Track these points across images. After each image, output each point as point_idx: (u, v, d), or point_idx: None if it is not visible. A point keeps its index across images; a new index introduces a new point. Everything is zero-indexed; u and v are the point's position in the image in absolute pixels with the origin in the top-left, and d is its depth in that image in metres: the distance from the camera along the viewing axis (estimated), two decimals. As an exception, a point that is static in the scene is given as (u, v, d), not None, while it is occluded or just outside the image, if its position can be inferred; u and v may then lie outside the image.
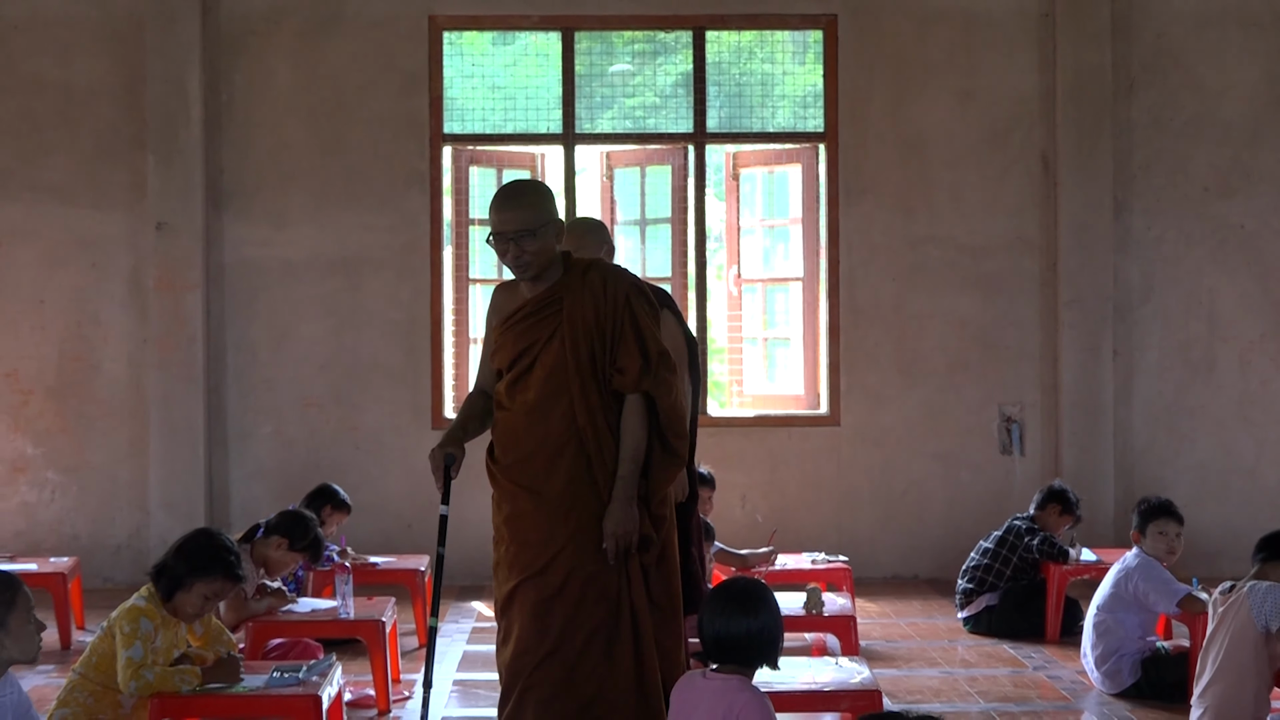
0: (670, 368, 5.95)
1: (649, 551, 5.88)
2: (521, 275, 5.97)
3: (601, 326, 5.85)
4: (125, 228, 12.96)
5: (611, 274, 6.09)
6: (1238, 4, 12.96)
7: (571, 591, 5.73)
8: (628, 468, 5.79)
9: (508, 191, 6.11)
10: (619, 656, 5.74)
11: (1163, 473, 12.63)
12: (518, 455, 5.91)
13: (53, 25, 12.91)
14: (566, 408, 5.83)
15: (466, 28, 13.28)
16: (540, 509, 5.82)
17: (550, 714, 5.70)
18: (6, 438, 12.98)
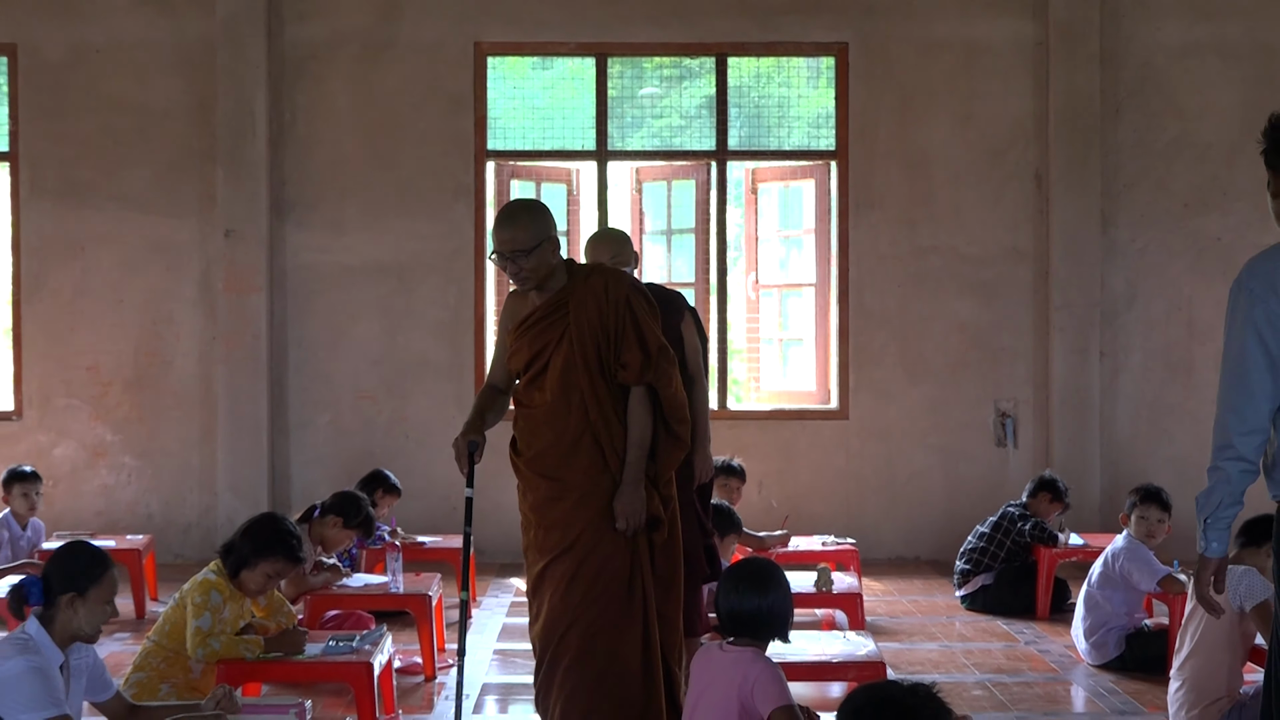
0: (670, 360, 5.99)
1: (658, 530, 5.94)
2: (523, 288, 6.04)
3: (605, 326, 5.89)
4: (196, 235, 13.00)
5: (612, 277, 6.10)
6: (1215, 36, 12.93)
7: (590, 568, 5.79)
8: (635, 453, 5.86)
9: (506, 213, 6.15)
10: (629, 626, 5.81)
11: (1145, 465, 12.60)
12: (539, 448, 5.97)
13: (131, 49, 12.95)
14: (579, 403, 5.88)
15: (508, 53, 13.29)
16: (562, 496, 5.90)
17: (571, 681, 5.78)
18: (88, 425, 13.04)
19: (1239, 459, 4.67)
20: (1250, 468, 4.71)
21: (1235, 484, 4.68)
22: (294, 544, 7.18)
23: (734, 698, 5.32)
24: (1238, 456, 4.66)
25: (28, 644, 5.40)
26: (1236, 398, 4.68)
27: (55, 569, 5.57)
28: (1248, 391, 4.67)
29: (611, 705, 5.76)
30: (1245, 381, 4.67)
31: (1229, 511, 4.69)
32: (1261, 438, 4.69)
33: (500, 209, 6.29)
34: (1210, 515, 4.67)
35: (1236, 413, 4.66)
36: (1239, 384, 4.68)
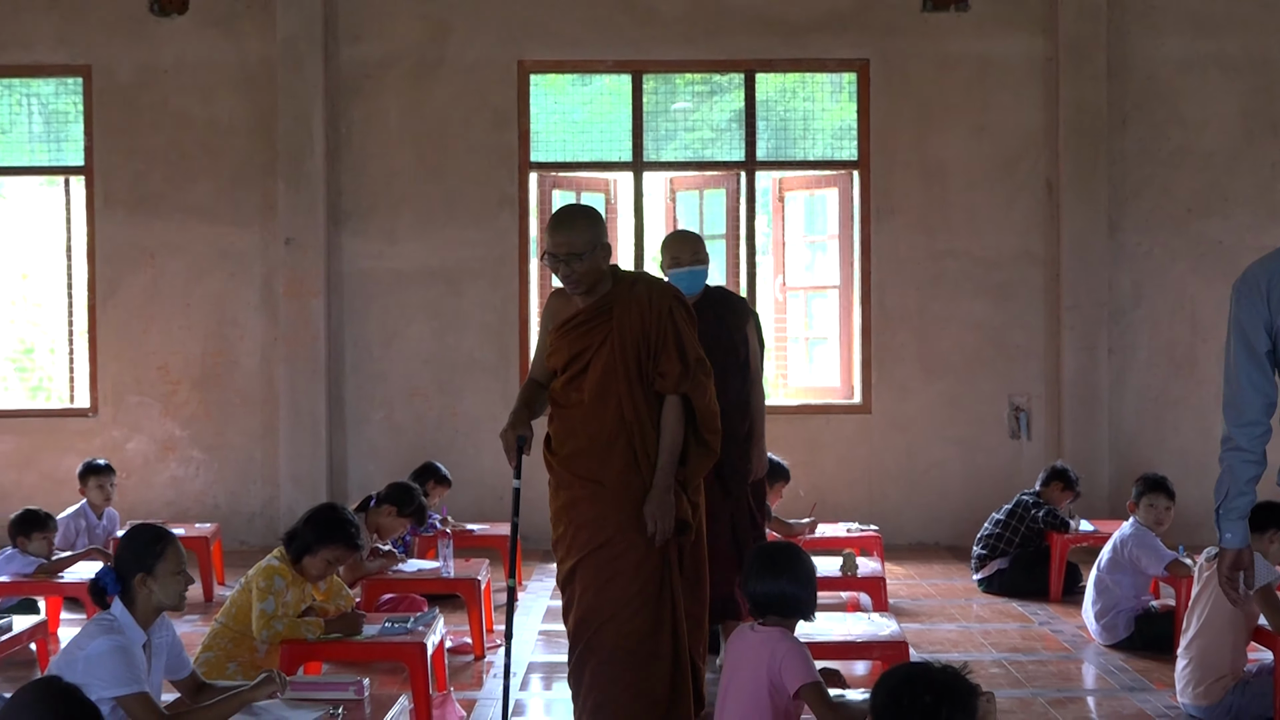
0: (706, 372, 5.89)
1: (687, 533, 5.86)
2: (573, 291, 5.91)
3: (647, 334, 5.78)
4: (259, 242, 13.03)
5: (656, 287, 6.01)
6: (1216, 50, 12.88)
7: (622, 568, 5.71)
8: (666, 459, 5.75)
9: (560, 217, 6.01)
10: (659, 627, 5.72)
11: (1150, 455, 12.55)
12: (574, 448, 5.87)
13: (197, 70, 12.99)
14: (616, 406, 5.77)
15: (550, 71, 13.29)
16: (596, 495, 5.79)
17: (603, 679, 5.72)
18: (158, 422, 13.09)
19: (1239, 450, 4.76)
20: (1252, 458, 4.76)
21: (1239, 474, 4.72)
22: (353, 532, 7.22)
23: (763, 675, 5.33)
24: (1237, 448, 4.76)
25: (112, 625, 5.43)
26: (1231, 393, 4.82)
27: (122, 555, 5.60)
28: (1238, 386, 4.81)
29: (641, 705, 5.69)
30: (1235, 377, 4.81)
31: (1238, 501, 4.71)
32: (1259, 429, 4.74)
33: (556, 213, 6.12)
34: (1221, 506, 4.72)
35: (1233, 407, 4.79)
36: (1231, 381, 4.83)
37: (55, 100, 13.38)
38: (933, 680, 3.79)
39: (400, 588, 8.87)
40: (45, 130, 13.47)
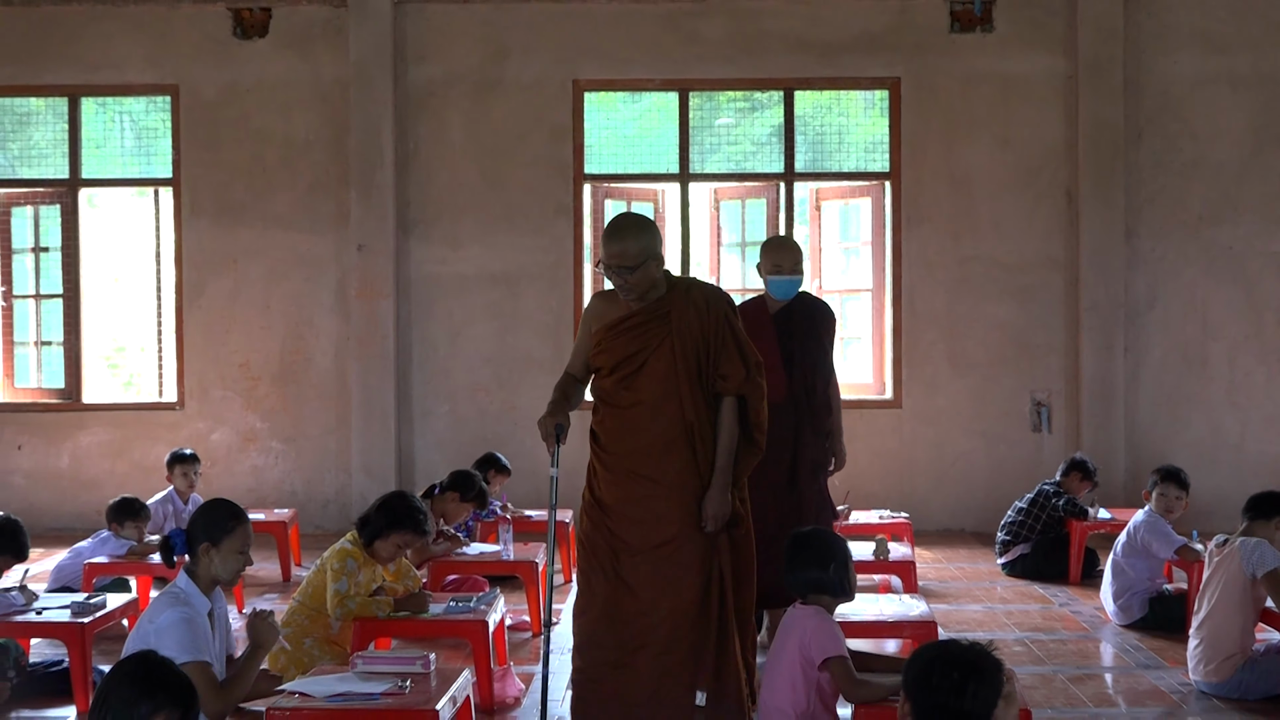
0: (763, 374, 5.82)
1: (738, 527, 5.77)
2: (626, 297, 5.77)
3: (706, 338, 5.67)
4: (333, 249, 13.08)
5: (711, 293, 5.90)
6: (1226, 68, 12.78)
7: (680, 564, 5.61)
8: (724, 459, 5.66)
9: (614, 228, 5.83)
10: (709, 614, 5.64)
11: (1164, 448, 12.48)
12: (633, 446, 5.73)
13: (276, 89, 13.05)
14: (676, 407, 5.65)
15: (603, 89, 13.30)
16: (656, 493, 5.66)
17: (659, 666, 5.60)
18: (240, 414, 13.16)
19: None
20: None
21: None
22: (421, 519, 7.27)
23: (796, 650, 5.44)
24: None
25: (178, 597, 5.49)
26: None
27: (194, 523, 5.67)
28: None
29: (691, 694, 5.61)
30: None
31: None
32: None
33: (610, 223, 5.91)
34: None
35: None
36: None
37: (145, 117, 13.46)
38: (960, 657, 3.78)
39: (463, 569, 8.90)
40: (136, 145, 13.57)
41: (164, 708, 4.04)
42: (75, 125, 13.34)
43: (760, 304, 7.86)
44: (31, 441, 13.30)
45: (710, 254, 13.69)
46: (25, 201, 13.47)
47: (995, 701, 3.76)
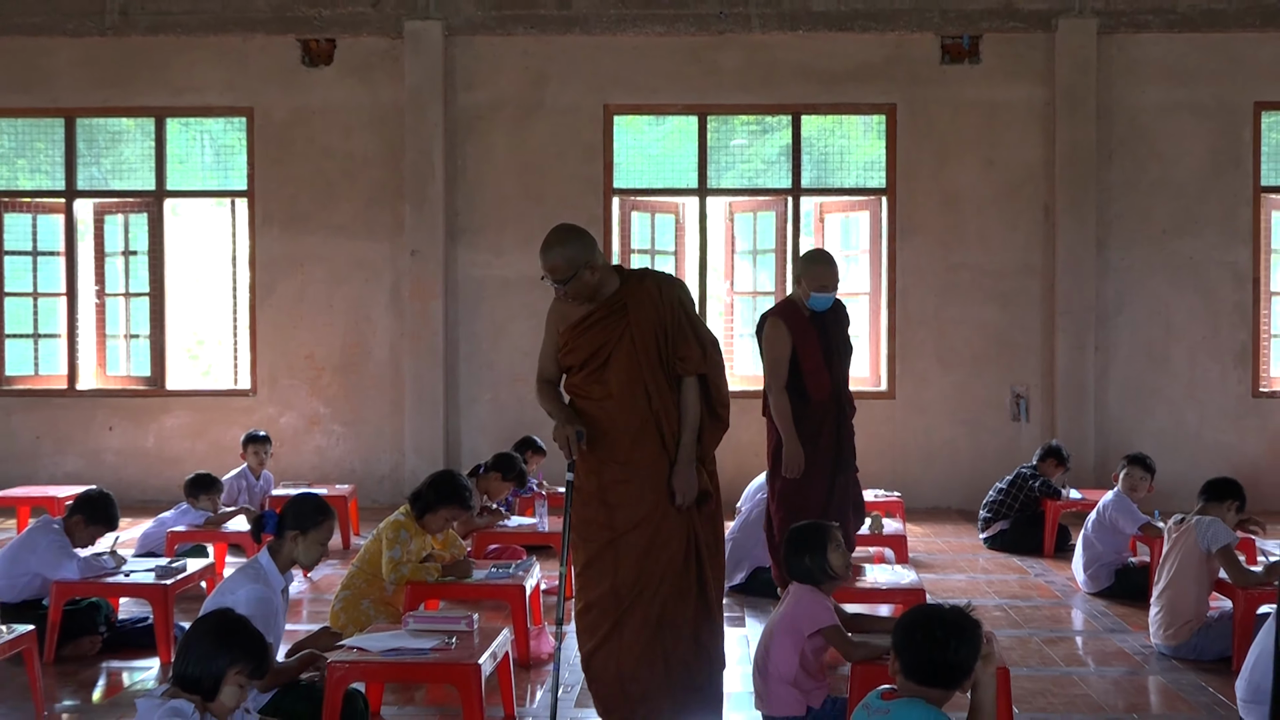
0: (719, 351, 5.44)
1: (707, 502, 5.39)
2: (571, 303, 5.42)
3: (664, 325, 5.27)
4: (389, 254, 13.12)
5: (663, 281, 5.45)
6: (1188, 98, 12.75)
7: (658, 542, 5.27)
8: (688, 437, 5.27)
9: (544, 244, 5.40)
10: (686, 590, 5.35)
11: (1130, 436, 12.45)
12: (615, 436, 5.30)
13: (339, 112, 13.09)
14: (643, 395, 5.27)
15: (630, 113, 13.29)
16: (630, 477, 5.29)
17: (642, 639, 5.27)
18: (306, 401, 13.21)
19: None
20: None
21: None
22: (467, 495, 7.31)
23: (789, 622, 5.48)
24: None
25: (258, 573, 5.49)
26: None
27: (290, 510, 5.66)
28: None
29: (666, 660, 5.30)
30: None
31: None
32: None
33: (545, 238, 5.44)
34: None
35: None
36: None
37: (223, 136, 13.51)
38: (944, 618, 3.80)
39: (504, 539, 8.92)
40: (215, 161, 13.62)
41: (239, 662, 4.09)
42: (161, 143, 13.40)
43: (796, 309, 7.64)
44: (121, 423, 13.38)
45: (725, 260, 13.68)
46: (117, 210, 13.52)
47: (975, 657, 3.78)
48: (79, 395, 13.49)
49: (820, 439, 7.43)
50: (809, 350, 7.43)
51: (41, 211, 13.56)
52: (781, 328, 7.48)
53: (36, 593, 7.24)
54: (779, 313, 7.61)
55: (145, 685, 6.66)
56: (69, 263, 13.54)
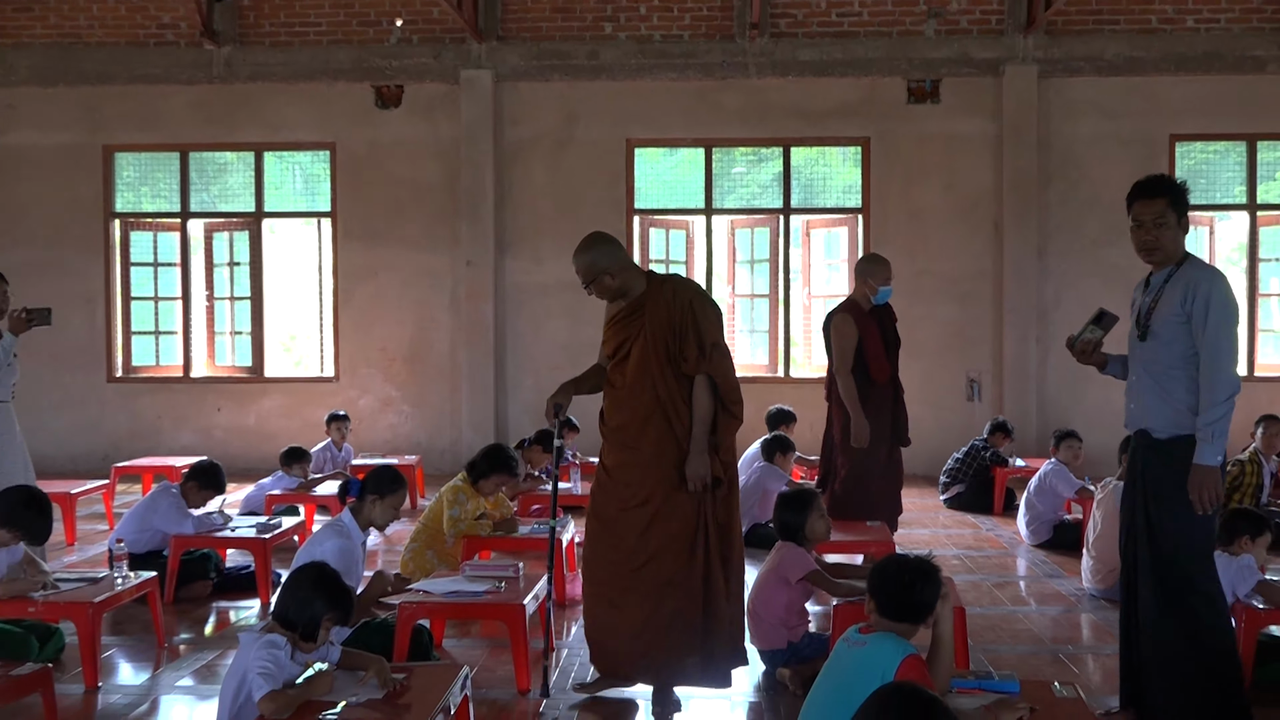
0: (723, 354, 5.06)
1: (720, 487, 5.04)
2: (603, 299, 5.23)
3: (674, 325, 4.98)
4: (448, 264, 13.13)
5: (680, 285, 5.15)
6: (1114, 130, 12.69)
7: (661, 519, 4.97)
8: (699, 429, 4.95)
9: (576, 250, 5.22)
10: (692, 566, 4.98)
11: (1066, 414, 12.41)
12: (619, 422, 5.10)
13: (407, 145, 13.12)
14: (650, 387, 5.00)
15: (649, 145, 13.27)
16: (637, 460, 5.02)
17: (645, 610, 5.00)
18: (381, 386, 13.25)
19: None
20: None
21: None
22: (514, 464, 7.37)
23: (777, 573, 5.58)
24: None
25: (342, 530, 5.51)
26: (1235, 366, 4.42)
27: (371, 478, 5.67)
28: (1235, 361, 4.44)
29: (669, 624, 4.99)
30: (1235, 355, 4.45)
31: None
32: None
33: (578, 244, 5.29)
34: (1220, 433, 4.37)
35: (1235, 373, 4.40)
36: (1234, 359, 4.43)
37: (310, 166, 13.54)
38: (910, 564, 3.80)
39: (544, 501, 8.90)
40: (304, 186, 13.64)
41: (330, 609, 4.11)
42: (259, 172, 13.45)
43: (859, 306, 7.64)
44: (227, 405, 13.44)
45: (728, 269, 13.65)
46: (223, 229, 13.57)
47: (937, 597, 3.78)
48: (192, 382, 13.55)
49: (882, 415, 7.53)
50: (872, 340, 7.53)
51: (161, 230, 13.60)
52: (850, 322, 7.49)
53: (158, 545, 7.29)
54: (847, 309, 7.61)
55: (247, 622, 6.70)
56: (183, 272, 13.58)
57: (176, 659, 5.96)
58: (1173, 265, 4.55)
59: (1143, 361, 4.59)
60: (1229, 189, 12.93)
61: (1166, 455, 4.43)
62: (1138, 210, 4.66)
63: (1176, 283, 4.48)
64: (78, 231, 13.44)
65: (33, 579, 5.55)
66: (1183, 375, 4.42)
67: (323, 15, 13.15)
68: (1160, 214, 4.55)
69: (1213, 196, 12.92)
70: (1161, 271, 4.59)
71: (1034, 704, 3.82)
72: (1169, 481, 4.40)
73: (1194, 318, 4.36)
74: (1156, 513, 4.44)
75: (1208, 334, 4.31)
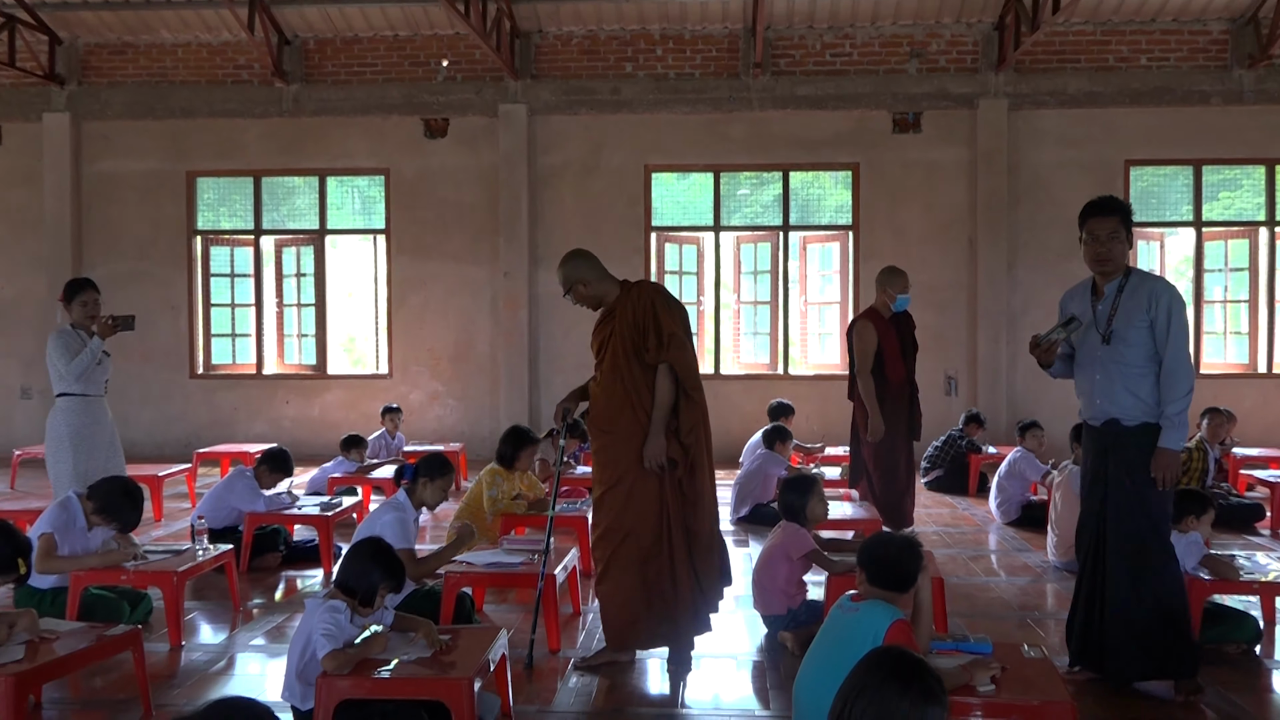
0: (679, 346, 4.92)
1: (677, 467, 4.92)
2: (581, 305, 5.19)
3: (638, 323, 4.93)
4: (488, 275, 13.13)
5: (646, 288, 5.09)
6: (1076, 156, 12.62)
7: (634, 496, 4.93)
8: (658, 414, 4.86)
9: (559, 264, 5.22)
10: (660, 537, 4.93)
11: (1032, 407, 12.33)
12: (597, 411, 5.01)
13: (453, 171, 13.13)
14: (619, 379, 4.93)
15: (664, 170, 13.23)
16: (613, 443, 4.97)
17: (625, 578, 4.97)
18: (429, 382, 13.26)
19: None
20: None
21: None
22: (531, 434, 7.46)
23: (780, 550, 5.54)
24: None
25: (399, 505, 5.55)
26: (1190, 368, 4.48)
27: (423, 464, 5.70)
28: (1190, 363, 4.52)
29: (649, 593, 4.96)
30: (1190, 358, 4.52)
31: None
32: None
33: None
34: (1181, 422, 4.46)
35: (1191, 375, 4.47)
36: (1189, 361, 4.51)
37: (368, 189, 13.57)
38: (895, 541, 3.80)
39: (572, 483, 8.86)
40: (361, 207, 13.67)
41: (386, 579, 4.12)
42: (323, 195, 13.47)
43: (879, 314, 7.61)
44: (294, 399, 13.48)
45: (734, 279, 13.64)
46: (291, 244, 13.61)
47: (919, 569, 3.77)
48: (264, 378, 13.59)
49: (900, 412, 7.51)
50: (889, 344, 7.51)
51: (237, 245, 13.65)
52: (870, 328, 7.48)
53: (234, 522, 7.33)
54: (868, 316, 7.62)
55: (312, 589, 6.71)
56: (256, 282, 13.63)
57: (250, 621, 5.98)
58: (1120, 276, 4.61)
59: (1106, 362, 4.59)
60: (1177, 208, 12.84)
61: (1136, 440, 4.47)
62: (1092, 226, 4.71)
63: (1134, 293, 4.53)
64: (164, 247, 13.49)
65: (124, 551, 5.61)
66: (1148, 373, 4.47)
67: (378, 57, 13.18)
68: (1114, 229, 4.65)
69: (1163, 214, 12.85)
70: (1112, 281, 4.62)
71: (1005, 663, 3.81)
72: (1139, 463, 4.46)
73: (1156, 324, 4.44)
74: (1129, 490, 4.47)
75: (1171, 339, 4.40)
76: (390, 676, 3.82)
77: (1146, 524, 4.45)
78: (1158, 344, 4.44)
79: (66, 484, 6.32)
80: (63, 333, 6.51)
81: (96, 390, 6.56)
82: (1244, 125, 12.55)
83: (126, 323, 6.55)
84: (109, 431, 6.66)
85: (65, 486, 6.29)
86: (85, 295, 6.54)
